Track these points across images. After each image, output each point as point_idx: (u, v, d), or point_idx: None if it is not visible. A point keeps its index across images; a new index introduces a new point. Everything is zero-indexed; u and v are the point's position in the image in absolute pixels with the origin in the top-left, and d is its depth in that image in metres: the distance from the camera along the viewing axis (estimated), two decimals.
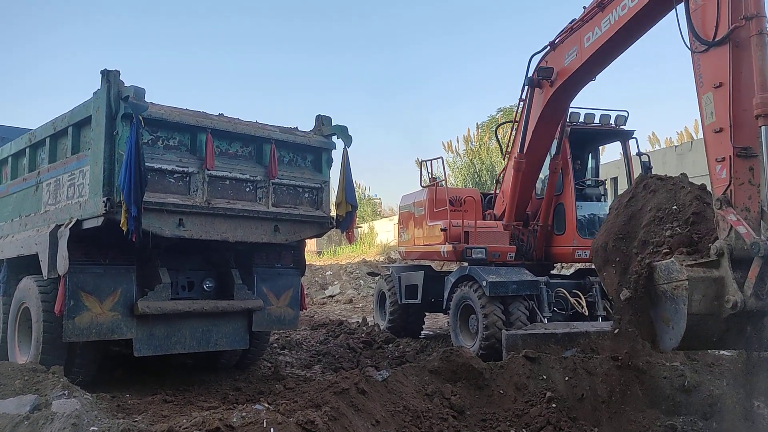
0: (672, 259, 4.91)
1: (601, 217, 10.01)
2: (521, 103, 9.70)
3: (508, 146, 10.27)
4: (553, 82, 8.75)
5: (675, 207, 5.33)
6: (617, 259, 5.56)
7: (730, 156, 4.98)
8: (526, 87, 9.35)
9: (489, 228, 9.99)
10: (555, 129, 9.54)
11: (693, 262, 4.80)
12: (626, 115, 10.00)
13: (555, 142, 9.70)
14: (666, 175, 5.87)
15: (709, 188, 5.30)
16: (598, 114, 9.90)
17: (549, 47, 8.79)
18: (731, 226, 4.71)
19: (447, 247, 9.79)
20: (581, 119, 9.81)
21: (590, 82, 8.70)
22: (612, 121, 9.95)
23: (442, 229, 9.87)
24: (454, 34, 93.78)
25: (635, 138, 10.21)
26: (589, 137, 10.35)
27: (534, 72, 9.05)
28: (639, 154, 10.09)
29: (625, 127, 10.10)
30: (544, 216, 9.98)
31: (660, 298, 4.99)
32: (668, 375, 6.22)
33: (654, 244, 5.24)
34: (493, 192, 11.26)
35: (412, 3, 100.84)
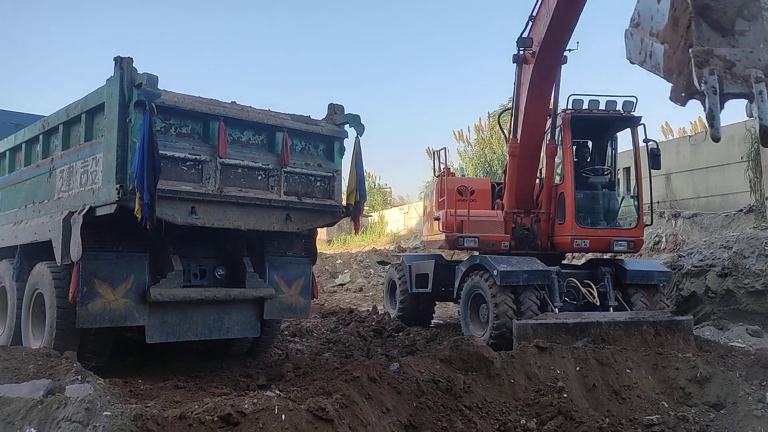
0: None
1: (607, 206, 9.82)
2: (514, 86, 9.64)
3: (509, 133, 10.14)
4: (535, 53, 8.79)
5: None
6: None
7: None
8: (516, 67, 9.38)
9: (485, 217, 10.02)
10: (545, 107, 9.39)
11: None
12: (634, 101, 9.63)
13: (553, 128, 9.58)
14: None
15: None
16: (603, 101, 9.59)
17: (529, 20, 8.89)
18: None
19: (442, 236, 9.99)
20: (585, 106, 9.54)
21: (573, 50, 8.89)
22: (619, 108, 9.62)
23: (435, 218, 10.06)
24: (463, 25, 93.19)
25: (643, 125, 9.81)
26: (595, 124, 9.98)
27: (518, 47, 9.11)
28: (647, 141, 9.75)
29: (635, 114, 9.73)
30: (545, 204, 9.82)
31: None
32: (680, 366, 6.19)
33: None
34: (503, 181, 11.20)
35: None
